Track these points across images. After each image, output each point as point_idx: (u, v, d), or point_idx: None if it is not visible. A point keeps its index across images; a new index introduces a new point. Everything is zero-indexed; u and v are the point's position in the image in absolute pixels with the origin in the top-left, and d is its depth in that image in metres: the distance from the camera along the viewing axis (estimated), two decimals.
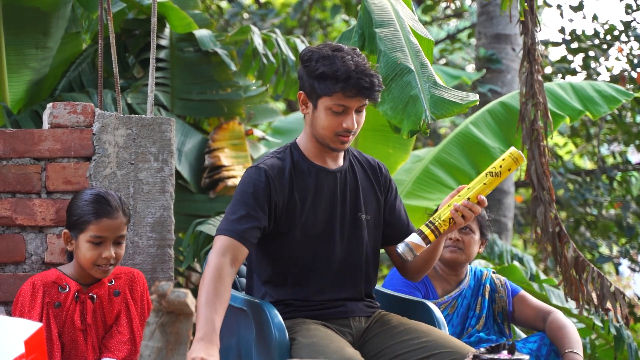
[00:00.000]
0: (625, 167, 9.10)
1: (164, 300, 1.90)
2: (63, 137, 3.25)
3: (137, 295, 2.95)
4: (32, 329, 2.34)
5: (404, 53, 3.31)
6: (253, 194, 2.73)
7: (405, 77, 3.18)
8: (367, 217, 2.89)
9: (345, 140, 2.76)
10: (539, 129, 4.44)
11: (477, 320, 3.47)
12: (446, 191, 5.12)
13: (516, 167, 2.70)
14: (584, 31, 8.29)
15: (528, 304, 3.51)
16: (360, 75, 2.67)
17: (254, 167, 2.80)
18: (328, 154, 2.86)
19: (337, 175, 2.86)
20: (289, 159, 2.84)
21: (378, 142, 5.01)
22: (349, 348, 2.60)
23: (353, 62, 2.69)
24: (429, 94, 3.13)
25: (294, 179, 2.80)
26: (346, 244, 2.84)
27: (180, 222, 4.76)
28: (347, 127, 2.72)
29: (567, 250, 4.31)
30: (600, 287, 4.19)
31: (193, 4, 5.68)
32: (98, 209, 2.85)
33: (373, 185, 2.94)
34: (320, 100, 2.73)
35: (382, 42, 3.37)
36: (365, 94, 2.70)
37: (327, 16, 10.86)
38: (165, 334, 1.93)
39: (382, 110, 3.19)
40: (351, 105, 2.71)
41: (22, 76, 4.65)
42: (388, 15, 3.56)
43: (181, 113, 5.12)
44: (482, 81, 7.96)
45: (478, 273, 3.57)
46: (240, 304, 2.78)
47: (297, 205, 2.78)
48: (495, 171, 2.69)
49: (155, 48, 3.56)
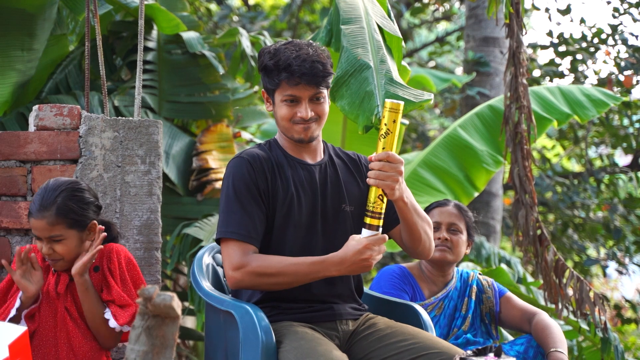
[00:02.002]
0: (613, 169, 9.13)
1: (149, 304, 1.89)
2: (49, 139, 3.24)
3: (114, 265, 2.94)
4: (16, 333, 2.33)
5: (366, 49, 3.32)
6: (244, 186, 2.76)
7: (364, 72, 3.20)
8: (351, 208, 2.89)
9: (306, 128, 2.80)
10: (523, 132, 4.46)
11: (463, 321, 3.48)
12: (434, 194, 5.12)
13: (399, 113, 2.64)
14: (571, 34, 8.32)
15: (514, 305, 3.52)
16: (300, 62, 2.73)
17: (236, 158, 2.84)
18: (304, 149, 2.89)
19: (316, 169, 2.89)
20: (269, 151, 2.88)
21: (365, 144, 5.01)
22: (336, 351, 2.59)
23: (295, 52, 2.75)
24: (384, 89, 3.14)
25: (275, 169, 2.83)
26: (331, 236, 2.85)
27: (168, 225, 4.75)
28: (302, 116, 2.77)
29: (547, 253, 4.32)
30: (579, 291, 4.21)
31: (181, 6, 5.66)
32: (30, 206, 2.86)
33: (355, 177, 2.96)
34: (275, 94, 2.80)
35: (345, 38, 3.40)
36: (308, 80, 2.74)
37: (316, 18, 10.86)
38: (152, 338, 1.92)
39: (340, 106, 3.20)
40: (301, 94, 2.76)
41: (8, 78, 4.62)
42: (356, 12, 3.58)
43: (169, 115, 5.10)
44: (471, 84, 7.98)
45: (464, 275, 3.59)
46: (227, 307, 2.77)
47: (279, 194, 2.80)
48: (383, 131, 2.65)
49: (142, 50, 3.55)
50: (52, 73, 4.95)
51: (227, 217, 2.75)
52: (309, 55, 2.75)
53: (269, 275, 2.69)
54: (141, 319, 1.92)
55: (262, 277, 2.69)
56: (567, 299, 4.26)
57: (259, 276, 2.69)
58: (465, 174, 5.22)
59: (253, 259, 2.70)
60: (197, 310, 4.37)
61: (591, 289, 4.23)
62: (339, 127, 4.95)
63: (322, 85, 2.78)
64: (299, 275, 2.69)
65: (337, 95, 3.23)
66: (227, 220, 2.75)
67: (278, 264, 2.69)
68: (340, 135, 5.01)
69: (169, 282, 5.55)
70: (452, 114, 9.46)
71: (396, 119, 2.64)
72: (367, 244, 2.62)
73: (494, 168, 5.20)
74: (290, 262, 2.69)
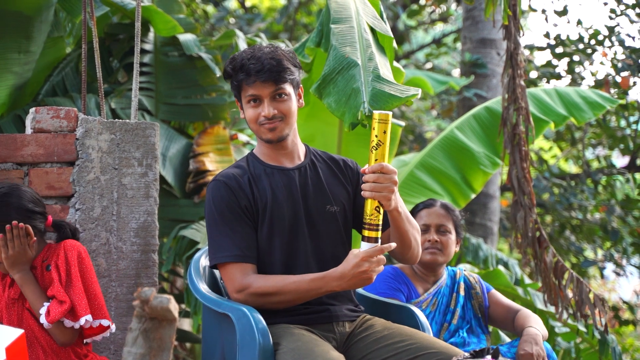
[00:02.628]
0: (610, 171, 9.13)
1: (146, 306, 1.89)
2: (46, 142, 3.23)
3: (60, 261, 2.95)
4: (13, 336, 2.33)
5: (354, 48, 3.33)
6: (226, 207, 2.78)
7: (351, 70, 3.20)
8: (336, 208, 2.90)
9: (272, 127, 2.81)
10: (521, 133, 4.46)
11: (452, 316, 3.53)
12: (431, 195, 5.12)
13: (388, 124, 2.62)
14: (568, 36, 8.32)
15: (499, 302, 3.56)
16: (254, 61, 2.77)
17: (212, 182, 2.86)
18: (280, 153, 2.90)
19: (295, 173, 2.89)
20: (245, 166, 2.90)
21: (361, 146, 5.01)
22: (333, 352, 2.60)
23: (251, 53, 2.81)
24: (370, 86, 3.14)
25: (252, 184, 2.84)
26: (318, 238, 2.86)
27: (165, 227, 4.75)
28: (264, 114, 2.80)
29: (546, 255, 4.32)
30: (579, 292, 4.21)
31: (178, 8, 5.66)
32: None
33: (339, 178, 2.96)
34: (242, 99, 2.85)
35: (334, 37, 3.40)
36: (264, 77, 2.77)
37: (313, 20, 10.86)
38: (148, 340, 1.92)
39: (327, 103, 3.20)
40: (260, 93, 2.80)
41: (5, 80, 4.61)
42: (347, 12, 3.59)
43: (165, 118, 5.10)
44: (468, 86, 7.98)
45: (451, 272, 3.64)
46: (224, 309, 2.77)
47: (259, 206, 2.82)
48: (375, 143, 2.63)
49: (139, 52, 3.55)
50: (49, 75, 4.95)
51: (218, 242, 2.78)
52: (264, 53, 2.80)
53: (270, 294, 2.72)
54: (138, 321, 1.92)
55: (264, 297, 2.72)
56: (566, 301, 4.26)
57: (261, 296, 2.72)
58: (462, 175, 5.22)
59: (254, 279, 2.73)
60: (193, 313, 4.37)
61: (591, 290, 4.23)
62: (335, 128, 4.94)
63: (280, 82, 2.80)
64: (300, 293, 2.71)
65: (324, 92, 3.23)
66: (218, 245, 2.78)
67: (279, 283, 2.71)
68: (336, 137, 5.00)
69: (165, 285, 5.55)
70: (449, 115, 9.46)
71: (386, 129, 2.63)
72: (364, 257, 2.62)
73: (491, 170, 5.20)
74: (291, 281, 2.71)
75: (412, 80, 7.24)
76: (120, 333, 3.27)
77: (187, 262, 4.37)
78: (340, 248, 2.90)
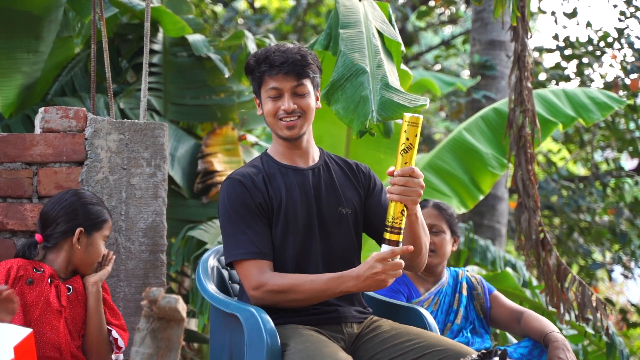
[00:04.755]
0: (619, 173, 9.11)
1: (154, 306, 1.89)
2: (55, 141, 3.24)
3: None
4: (22, 335, 2.33)
5: (362, 54, 3.32)
6: (241, 205, 2.78)
7: (360, 77, 3.20)
8: (348, 210, 2.90)
9: (290, 125, 2.82)
10: (527, 135, 4.44)
11: (455, 316, 3.53)
12: (439, 197, 5.12)
13: (419, 127, 2.59)
14: (577, 38, 8.30)
15: (502, 303, 3.56)
16: (279, 53, 2.79)
17: (227, 180, 2.86)
18: (295, 152, 2.90)
19: (309, 173, 2.89)
20: (260, 166, 2.90)
21: (369, 148, 5.01)
22: (341, 353, 2.59)
23: (276, 47, 2.83)
24: (379, 95, 3.13)
25: (267, 183, 2.84)
26: (330, 239, 2.86)
27: (173, 227, 4.75)
28: (284, 109, 2.80)
29: (549, 257, 4.31)
30: (581, 296, 4.19)
31: (187, 8, 5.67)
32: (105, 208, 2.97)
33: (351, 180, 2.96)
34: (261, 93, 2.85)
35: (343, 42, 3.40)
36: (287, 69, 2.78)
37: (322, 21, 10.87)
38: (156, 340, 1.92)
39: (335, 110, 3.20)
40: (282, 86, 2.80)
41: (14, 80, 4.63)
42: (355, 17, 3.58)
43: (174, 118, 5.11)
44: (477, 87, 7.98)
45: (453, 273, 3.64)
46: (232, 309, 2.77)
47: (274, 205, 2.82)
48: (406, 146, 2.59)
49: (148, 53, 3.55)
50: (57, 75, 4.96)
51: (234, 239, 2.77)
52: (289, 48, 2.82)
53: (287, 292, 2.71)
54: (146, 321, 1.92)
55: (280, 294, 2.72)
56: (569, 304, 4.24)
57: (278, 294, 2.72)
58: (471, 177, 5.21)
59: (270, 277, 2.73)
60: (198, 312, 4.37)
61: (593, 293, 4.22)
62: (343, 129, 4.94)
63: (302, 77, 2.81)
64: (316, 292, 2.70)
65: (332, 99, 3.23)
66: (235, 242, 2.77)
67: (295, 281, 2.71)
68: (344, 138, 5.00)
69: (173, 285, 5.56)
70: (457, 117, 9.45)
71: (417, 132, 2.60)
72: (378, 258, 2.60)
73: (499, 171, 5.19)
74: (308, 279, 2.71)
75: (419, 81, 7.24)
76: (129, 333, 3.27)
77: (195, 262, 4.37)
78: (350, 250, 2.89)
